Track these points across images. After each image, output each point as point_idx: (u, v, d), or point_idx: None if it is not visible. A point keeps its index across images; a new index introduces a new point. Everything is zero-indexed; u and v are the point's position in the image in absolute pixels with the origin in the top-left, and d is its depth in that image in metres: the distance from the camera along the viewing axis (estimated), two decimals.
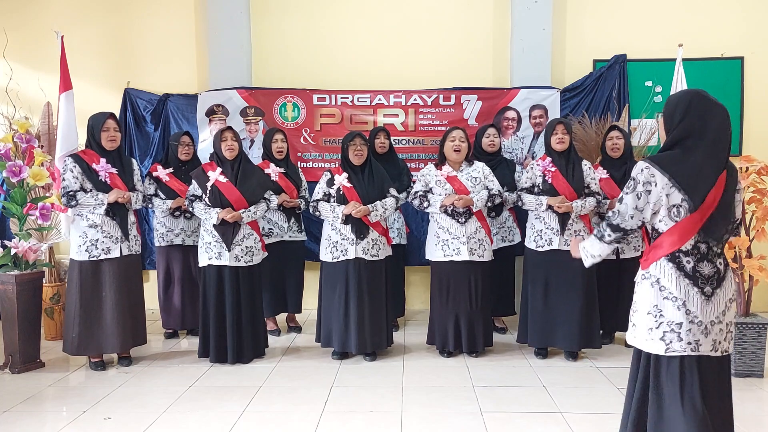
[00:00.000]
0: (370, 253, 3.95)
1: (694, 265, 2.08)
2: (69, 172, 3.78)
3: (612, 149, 4.24)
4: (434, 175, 4.02)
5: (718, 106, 2.10)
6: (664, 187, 2.07)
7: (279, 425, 3.07)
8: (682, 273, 2.08)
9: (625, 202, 2.14)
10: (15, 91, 5.10)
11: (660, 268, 2.12)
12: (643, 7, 5.38)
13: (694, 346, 2.07)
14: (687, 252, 2.09)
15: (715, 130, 2.06)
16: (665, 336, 2.10)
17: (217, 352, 3.95)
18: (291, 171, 4.59)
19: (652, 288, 2.13)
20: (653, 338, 2.12)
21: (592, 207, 3.94)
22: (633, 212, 2.12)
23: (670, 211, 2.08)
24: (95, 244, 3.81)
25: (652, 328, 2.12)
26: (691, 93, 2.14)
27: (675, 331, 2.08)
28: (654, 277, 2.13)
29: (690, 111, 2.08)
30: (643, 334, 2.15)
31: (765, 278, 3.52)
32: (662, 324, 2.10)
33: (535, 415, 3.14)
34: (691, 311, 2.07)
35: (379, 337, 4.01)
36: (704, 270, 2.08)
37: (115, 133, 3.88)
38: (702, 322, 2.07)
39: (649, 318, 2.13)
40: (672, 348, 2.09)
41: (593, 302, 3.94)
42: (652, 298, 2.13)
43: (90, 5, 5.57)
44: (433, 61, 5.47)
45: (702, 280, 2.08)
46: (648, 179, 2.09)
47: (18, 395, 3.50)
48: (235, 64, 5.42)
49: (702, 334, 2.08)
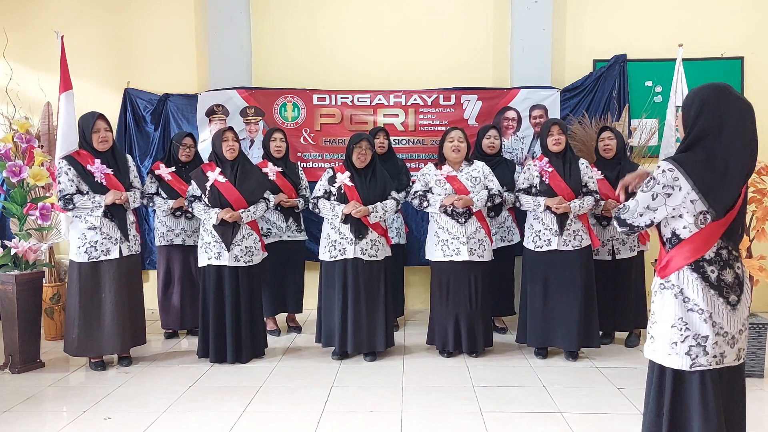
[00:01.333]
0: (369, 253, 3.95)
1: (719, 274, 1.98)
2: (64, 175, 3.76)
3: (604, 150, 4.24)
4: (434, 175, 4.02)
5: (736, 100, 1.97)
6: (690, 193, 1.94)
7: (279, 425, 3.07)
8: (707, 283, 1.97)
9: (637, 199, 2.03)
10: (15, 91, 5.10)
11: (683, 278, 2.00)
12: (643, 7, 5.38)
13: (719, 359, 1.98)
14: (710, 260, 1.98)
15: (731, 128, 1.94)
16: (691, 350, 1.99)
17: (216, 352, 3.95)
18: (290, 170, 4.59)
19: (675, 299, 2.01)
20: (677, 353, 2.01)
21: (590, 206, 3.94)
22: (643, 210, 2.01)
23: (697, 218, 1.97)
24: (94, 246, 3.80)
25: (677, 342, 2.01)
26: (708, 89, 2.01)
27: (701, 345, 1.98)
28: (677, 288, 2.01)
29: (704, 109, 1.96)
30: (665, 348, 2.03)
31: (765, 278, 3.52)
32: (688, 338, 1.99)
33: (535, 415, 3.14)
34: (717, 323, 1.97)
35: (376, 338, 4.01)
36: (728, 278, 1.99)
37: (106, 134, 3.86)
38: (728, 332, 1.99)
39: (673, 331, 2.01)
40: (698, 362, 1.98)
41: (592, 302, 3.95)
42: (675, 310, 2.01)
43: (90, 5, 5.57)
44: (433, 61, 5.47)
45: (727, 290, 1.98)
46: (671, 182, 1.96)
47: (18, 395, 3.50)
48: (235, 64, 5.42)
49: (728, 345, 1.99)
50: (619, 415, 3.12)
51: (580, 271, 3.90)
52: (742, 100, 1.99)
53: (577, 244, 3.90)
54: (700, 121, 1.96)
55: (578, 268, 3.89)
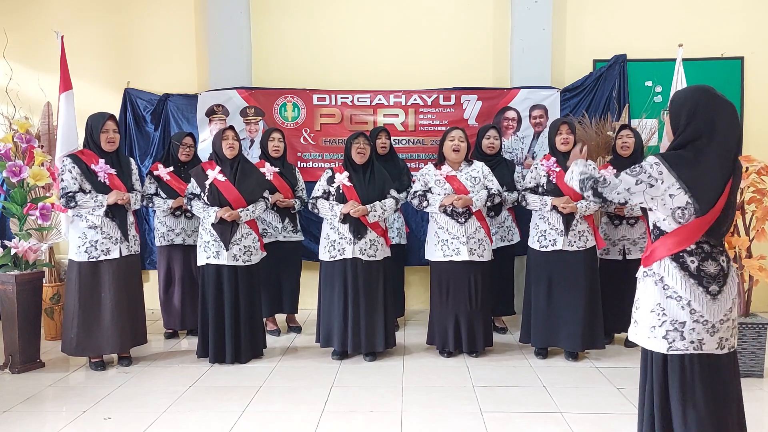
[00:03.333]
0: (368, 253, 3.95)
1: (699, 264, 2.06)
2: (68, 172, 3.77)
3: (622, 148, 4.23)
4: (433, 175, 4.02)
5: (725, 103, 2.04)
6: (670, 188, 2.04)
7: (279, 425, 3.07)
8: (686, 273, 2.06)
9: (621, 179, 2.12)
10: (15, 91, 5.10)
11: (664, 267, 2.09)
12: (643, 7, 5.38)
13: (697, 344, 2.05)
14: (691, 252, 2.06)
15: (723, 130, 2.01)
16: (668, 335, 2.08)
17: (215, 352, 3.94)
18: (287, 171, 4.58)
19: (655, 286, 2.11)
20: (656, 336, 2.10)
21: (596, 208, 3.93)
22: (623, 190, 2.11)
23: (675, 212, 2.05)
24: (94, 245, 3.80)
25: (655, 326, 2.10)
26: (697, 92, 2.08)
27: (678, 330, 2.06)
28: (657, 275, 2.11)
29: (697, 113, 2.03)
30: (645, 332, 2.14)
31: (765, 278, 3.52)
32: (665, 323, 2.08)
33: (535, 415, 3.14)
34: (696, 310, 2.05)
35: (376, 338, 4.00)
36: (709, 269, 2.06)
37: (114, 135, 3.87)
38: (708, 321, 2.05)
39: (652, 316, 2.11)
40: (674, 347, 2.07)
41: (597, 303, 3.94)
42: (655, 296, 2.11)
43: (90, 5, 5.57)
44: (433, 61, 5.47)
45: (707, 280, 2.05)
46: (655, 175, 2.05)
47: (18, 395, 3.50)
48: (235, 64, 5.42)
49: (707, 333, 2.05)
50: (619, 415, 3.12)
51: (585, 271, 3.89)
52: (728, 102, 2.07)
53: (582, 245, 3.90)
54: (692, 125, 2.04)
55: (583, 269, 3.88)
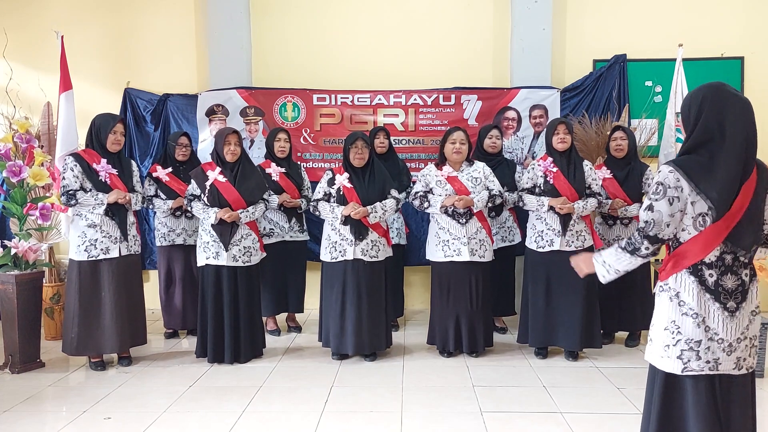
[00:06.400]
0: (369, 254, 3.94)
1: (717, 278, 1.93)
2: (69, 171, 3.78)
3: (615, 149, 4.23)
4: (434, 176, 4.01)
5: (735, 98, 1.93)
6: (690, 194, 1.90)
7: (279, 425, 3.07)
8: (703, 287, 1.93)
9: (658, 210, 1.92)
10: (15, 91, 5.10)
11: (680, 281, 1.96)
12: (643, 7, 5.38)
13: (713, 364, 1.93)
14: (710, 264, 1.93)
15: (733, 127, 1.89)
16: (683, 354, 1.94)
17: (214, 352, 3.94)
18: (293, 171, 4.59)
19: (670, 302, 1.98)
20: (669, 356, 1.97)
21: (593, 208, 3.94)
22: (669, 219, 1.92)
23: (696, 220, 1.92)
24: (94, 244, 3.80)
25: (669, 345, 1.97)
26: (703, 89, 1.97)
27: (694, 349, 1.93)
28: (673, 291, 1.98)
29: (703, 110, 1.93)
30: (659, 351, 2.00)
31: (765, 278, 3.52)
32: (680, 342, 1.95)
33: (535, 415, 3.14)
34: (711, 328, 1.93)
35: (377, 339, 4.00)
36: (727, 284, 1.93)
37: (121, 138, 3.91)
38: (724, 339, 1.93)
39: (666, 334, 1.98)
40: (690, 367, 1.94)
41: (594, 303, 3.94)
42: (670, 312, 1.98)
43: (90, 5, 5.57)
44: (433, 61, 5.47)
45: (725, 295, 1.92)
46: (675, 184, 1.91)
47: (18, 395, 3.50)
48: (235, 64, 5.42)
49: (723, 352, 1.93)
50: (619, 415, 3.12)
51: None
52: (740, 97, 1.96)
53: (579, 245, 3.90)
54: (701, 123, 1.94)
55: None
